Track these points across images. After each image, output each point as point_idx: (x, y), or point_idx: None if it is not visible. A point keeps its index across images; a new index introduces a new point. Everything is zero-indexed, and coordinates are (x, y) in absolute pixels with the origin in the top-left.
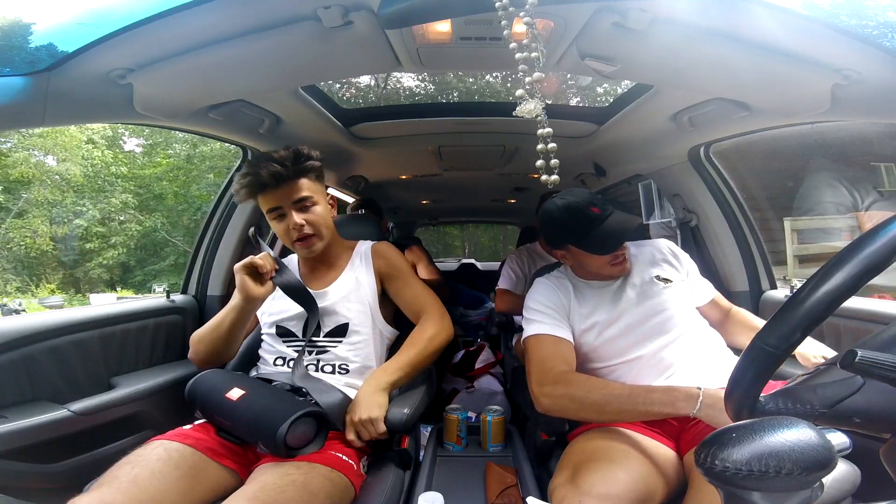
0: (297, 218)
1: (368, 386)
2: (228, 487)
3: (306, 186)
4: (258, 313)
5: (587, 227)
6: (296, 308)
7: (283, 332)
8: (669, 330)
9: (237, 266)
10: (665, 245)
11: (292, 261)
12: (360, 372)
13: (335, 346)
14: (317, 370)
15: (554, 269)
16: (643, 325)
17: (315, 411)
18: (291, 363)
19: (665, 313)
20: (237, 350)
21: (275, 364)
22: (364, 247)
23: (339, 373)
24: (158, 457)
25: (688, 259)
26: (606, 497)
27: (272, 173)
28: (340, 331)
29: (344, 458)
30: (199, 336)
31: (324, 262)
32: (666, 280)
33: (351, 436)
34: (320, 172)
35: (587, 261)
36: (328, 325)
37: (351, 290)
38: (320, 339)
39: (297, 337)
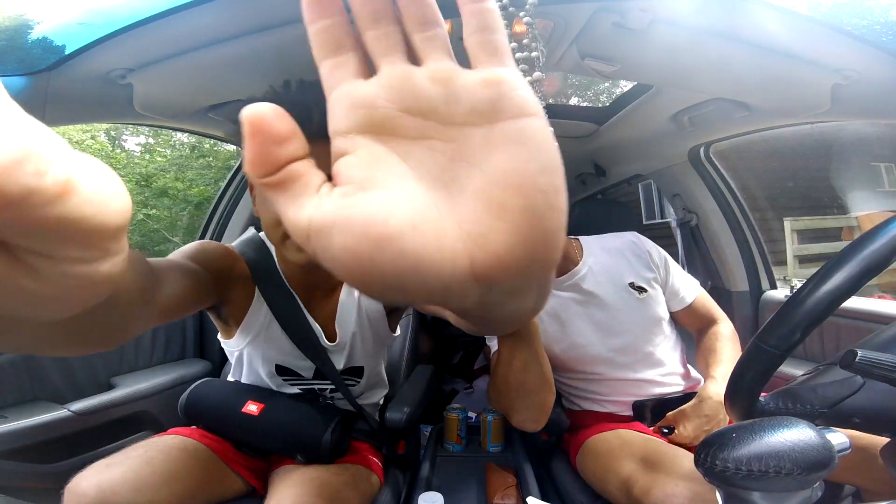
0: None
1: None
2: (238, 494)
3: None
4: (235, 352)
5: None
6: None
7: (284, 372)
8: (640, 348)
9: None
10: (639, 243)
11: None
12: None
13: (352, 386)
14: (316, 398)
15: None
16: (614, 342)
17: (346, 414)
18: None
19: (635, 331)
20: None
21: None
22: None
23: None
24: (175, 445)
25: (665, 259)
26: (691, 477)
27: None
28: (356, 372)
29: (368, 456)
30: None
31: (321, 282)
32: (640, 289)
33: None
34: None
35: None
36: (341, 364)
37: (360, 327)
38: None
39: (306, 378)
